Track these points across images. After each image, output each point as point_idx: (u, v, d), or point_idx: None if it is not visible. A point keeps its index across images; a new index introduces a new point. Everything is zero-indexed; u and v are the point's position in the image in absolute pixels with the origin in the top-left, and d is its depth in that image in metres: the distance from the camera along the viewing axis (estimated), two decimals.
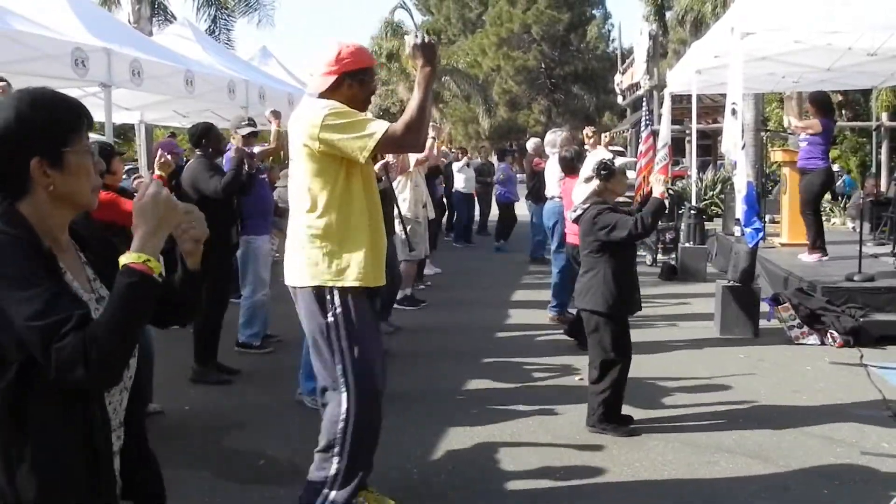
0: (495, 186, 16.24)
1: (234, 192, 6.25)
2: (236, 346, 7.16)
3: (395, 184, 7.55)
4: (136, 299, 1.75)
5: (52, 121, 1.87)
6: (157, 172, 5.64)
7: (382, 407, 3.81)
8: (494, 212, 16.60)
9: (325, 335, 3.56)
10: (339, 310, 3.55)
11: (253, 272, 7.06)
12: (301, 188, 3.61)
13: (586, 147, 8.98)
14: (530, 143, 13.58)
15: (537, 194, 11.95)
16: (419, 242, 8.61)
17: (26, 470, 1.78)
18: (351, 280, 3.56)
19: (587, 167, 5.17)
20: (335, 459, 3.58)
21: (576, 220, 5.28)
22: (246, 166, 6.34)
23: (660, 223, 12.50)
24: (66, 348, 1.66)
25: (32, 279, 1.73)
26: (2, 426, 1.78)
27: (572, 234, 7.51)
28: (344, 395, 3.56)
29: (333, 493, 3.61)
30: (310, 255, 3.58)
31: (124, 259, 1.78)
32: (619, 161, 5.32)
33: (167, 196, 1.86)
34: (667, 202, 5.20)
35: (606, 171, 5.08)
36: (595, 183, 5.10)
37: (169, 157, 5.86)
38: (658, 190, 5.06)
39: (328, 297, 3.55)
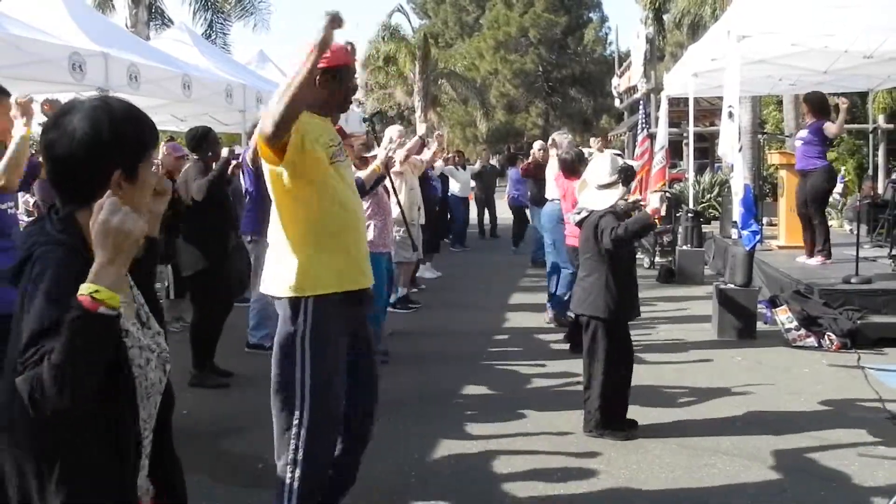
0: (510, 190, 16.23)
1: (212, 195, 6.23)
2: (247, 348, 7.20)
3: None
4: (77, 336, 1.60)
5: (137, 134, 1.89)
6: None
7: (380, 409, 3.79)
8: (507, 215, 16.59)
9: (290, 342, 3.43)
10: (310, 319, 3.40)
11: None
12: (277, 194, 3.49)
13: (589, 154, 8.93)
14: (536, 146, 13.55)
15: (538, 197, 11.95)
16: (413, 245, 8.62)
17: (57, 477, 1.77)
18: (327, 287, 3.43)
19: (600, 172, 5.13)
20: (288, 468, 3.46)
21: (579, 224, 5.25)
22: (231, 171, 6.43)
23: (657, 228, 12.53)
24: (19, 384, 1.61)
25: (52, 303, 1.66)
26: (35, 431, 1.77)
27: (571, 237, 7.51)
28: (297, 409, 3.43)
29: None
30: (285, 264, 3.45)
31: (79, 290, 1.64)
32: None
33: (118, 222, 1.66)
34: (657, 222, 5.10)
35: (632, 175, 5.07)
36: (621, 189, 5.06)
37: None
38: (653, 205, 4.90)
39: (302, 306, 3.41)
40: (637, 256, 12.96)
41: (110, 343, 1.69)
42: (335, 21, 3.14)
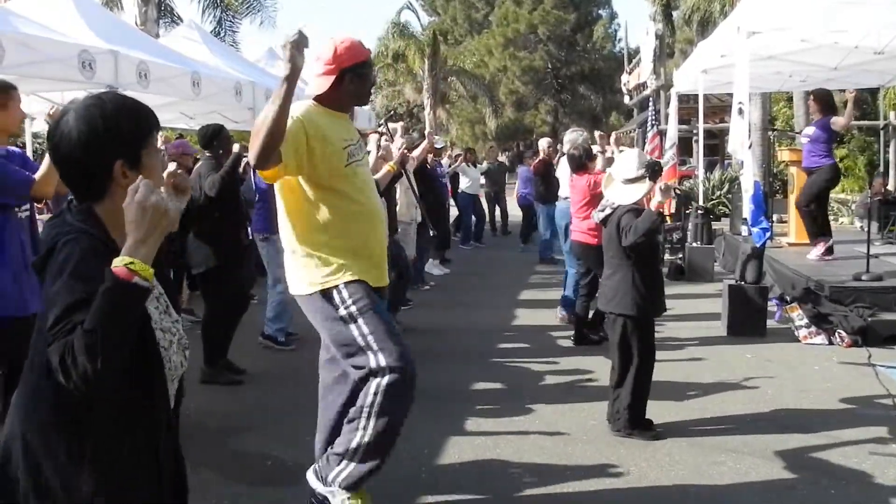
0: (519, 188, 16.21)
1: (221, 192, 6.20)
2: (261, 338, 7.24)
3: None
4: (112, 305, 1.69)
5: (134, 124, 1.95)
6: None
7: None
8: (516, 213, 16.58)
9: (346, 325, 3.50)
10: (349, 300, 3.50)
11: (282, 267, 7.08)
12: (289, 197, 3.55)
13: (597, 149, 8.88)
14: (542, 143, 13.53)
15: (545, 195, 11.93)
16: (409, 244, 8.64)
17: (86, 467, 1.83)
18: (351, 275, 3.52)
19: (627, 167, 5.09)
20: (359, 432, 3.50)
21: (603, 221, 5.22)
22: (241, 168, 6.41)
23: (665, 225, 12.49)
24: (49, 353, 1.68)
25: (78, 282, 1.75)
26: (65, 425, 1.83)
27: (578, 233, 7.50)
28: (378, 375, 3.47)
29: (351, 466, 3.55)
30: (306, 261, 3.52)
31: (112, 263, 1.73)
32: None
33: (156, 201, 1.77)
34: (666, 210, 5.06)
35: (658, 170, 5.03)
36: (647, 184, 5.03)
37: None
38: (655, 200, 4.84)
39: (335, 294, 3.51)
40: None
41: (139, 314, 1.77)
42: (299, 46, 3.19)
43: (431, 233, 8.38)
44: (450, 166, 15.67)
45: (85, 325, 1.66)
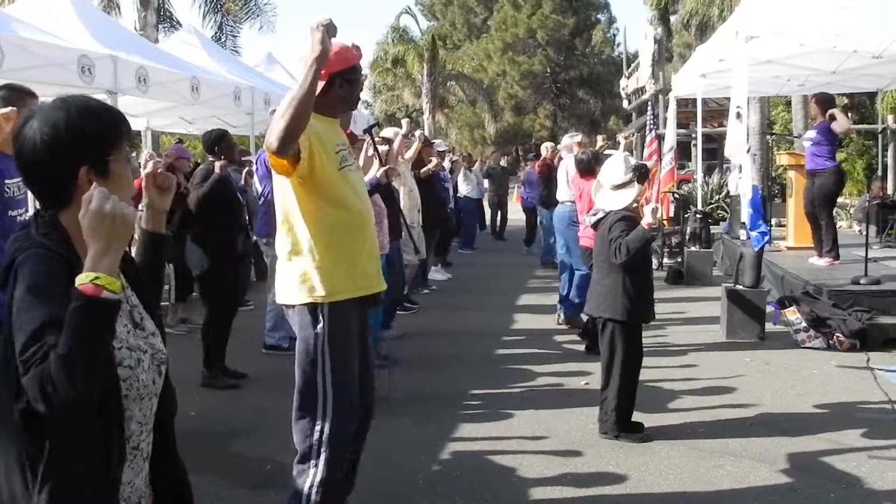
0: (521, 190, 16.22)
1: (205, 205, 6.25)
2: (264, 349, 7.23)
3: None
4: (83, 324, 1.62)
5: (99, 129, 1.87)
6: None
7: (389, 411, 3.79)
8: (519, 216, 16.59)
9: (312, 346, 3.47)
10: (327, 324, 3.45)
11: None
12: (282, 203, 3.53)
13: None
14: (545, 147, 13.53)
15: (548, 198, 11.93)
16: (412, 247, 8.64)
17: (39, 490, 1.77)
18: (341, 293, 3.47)
19: (614, 172, 5.11)
20: (311, 471, 3.47)
21: (594, 225, 5.23)
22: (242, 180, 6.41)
23: (663, 235, 12.49)
24: (27, 383, 1.62)
25: (44, 300, 1.68)
26: (17, 441, 1.78)
27: (584, 237, 7.49)
28: (320, 407, 3.46)
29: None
30: (298, 271, 3.47)
31: (76, 280, 1.65)
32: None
33: (112, 207, 1.68)
34: (664, 214, 5.05)
35: (646, 172, 5.02)
36: (637, 187, 5.04)
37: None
38: (646, 220, 4.89)
39: (319, 310, 3.46)
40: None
41: (113, 328, 1.70)
42: (329, 30, 3.16)
43: (418, 253, 8.38)
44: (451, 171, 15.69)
45: (59, 350, 1.59)
